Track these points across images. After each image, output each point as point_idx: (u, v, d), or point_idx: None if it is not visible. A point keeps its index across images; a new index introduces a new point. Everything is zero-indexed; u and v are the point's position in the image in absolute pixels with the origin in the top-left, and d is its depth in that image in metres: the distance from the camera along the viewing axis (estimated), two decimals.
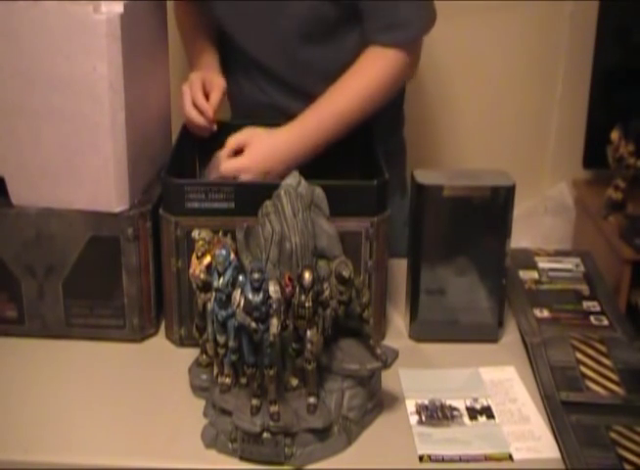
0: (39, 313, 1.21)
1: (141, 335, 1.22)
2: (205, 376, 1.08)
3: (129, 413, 1.07)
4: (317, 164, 1.28)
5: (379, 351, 1.01)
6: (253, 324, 0.92)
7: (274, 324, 0.92)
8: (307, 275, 0.93)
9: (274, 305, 0.92)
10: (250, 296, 0.92)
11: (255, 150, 1.28)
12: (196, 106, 1.35)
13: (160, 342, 1.23)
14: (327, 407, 1.00)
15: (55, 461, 0.98)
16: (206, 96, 1.37)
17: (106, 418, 1.06)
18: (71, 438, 1.02)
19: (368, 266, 1.16)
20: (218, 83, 1.39)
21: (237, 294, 0.93)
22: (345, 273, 0.97)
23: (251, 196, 1.08)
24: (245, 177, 1.25)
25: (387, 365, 1.02)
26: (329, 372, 1.01)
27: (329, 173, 1.17)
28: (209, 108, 1.35)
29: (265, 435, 0.96)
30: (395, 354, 1.04)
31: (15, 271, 1.19)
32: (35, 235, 1.17)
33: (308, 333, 0.95)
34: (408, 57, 1.35)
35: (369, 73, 1.34)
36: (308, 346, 0.95)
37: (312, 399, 0.99)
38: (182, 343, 1.20)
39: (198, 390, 1.09)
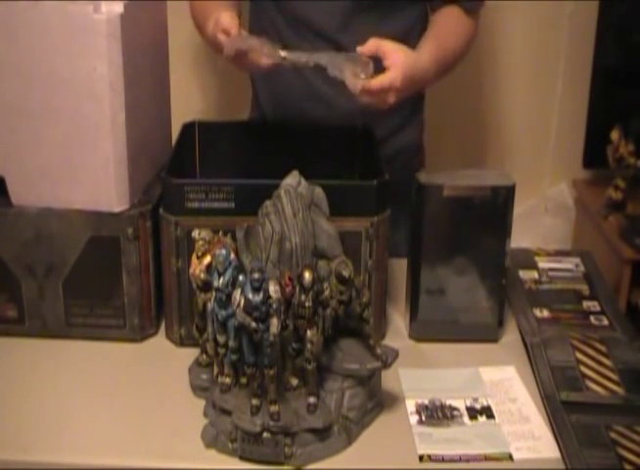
0: (39, 313, 1.21)
1: (141, 335, 1.22)
2: (205, 376, 1.08)
3: (129, 413, 1.07)
4: (317, 164, 1.28)
5: (379, 350, 1.01)
6: (253, 324, 0.92)
7: (274, 324, 0.92)
8: (307, 275, 0.93)
9: (274, 305, 0.92)
10: (250, 296, 0.92)
11: (401, 64, 1.20)
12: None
13: (160, 342, 1.23)
14: (327, 407, 1.00)
15: (54, 461, 0.98)
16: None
17: (106, 418, 1.06)
18: (71, 438, 1.02)
19: (368, 266, 1.16)
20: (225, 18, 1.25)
21: (237, 294, 0.93)
22: (345, 273, 0.97)
23: (251, 196, 1.08)
24: (388, 96, 1.19)
25: (387, 365, 1.02)
26: (329, 372, 1.01)
27: (329, 174, 1.17)
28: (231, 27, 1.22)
29: (265, 435, 0.96)
30: (395, 354, 1.04)
31: (15, 271, 1.19)
32: (35, 235, 1.17)
33: (308, 333, 0.95)
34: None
35: (464, 32, 1.47)
36: (308, 345, 0.95)
37: (312, 399, 0.99)
38: (182, 343, 1.20)
39: (198, 390, 1.09)
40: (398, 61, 1.19)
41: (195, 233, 1.04)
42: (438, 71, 1.36)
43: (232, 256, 0.98)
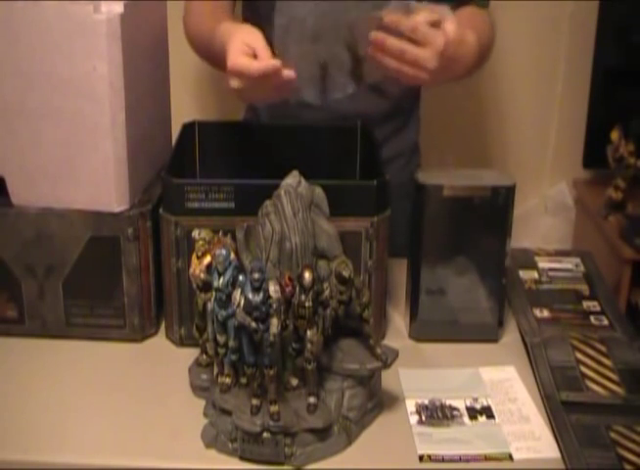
0: (39, 313, 1.21)
1: (141, 335, 1.22)
2: (205, 376, 1.08)
3: (129, 413, 1.07)
4: (317, 164, 1.28)
5: (379, 350, 1.01)
6: (253, 324, 0.92)
7: (274, 324, 0.92)
8: (307, 275, 0.93)
9: (274, 305, 0.92)
10: (250, 296, 0.92)
11: (449, 32, 1.09)
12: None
13: (160, 342, 1.23)
14: (327, 407, 1.00)
15: (54, 461, 0.98)
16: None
17: (106, 418, 1.06)
18: (71, 438, 1.02)
19: (368, 266, 1.16)
20: (255, 34, 1.15)
21: (237, 294, 0.93)
22: (345, 273, 0.97)
23: (251, 196, 1.08)
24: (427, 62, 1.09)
25: (387, 365, 1.02)
26: (329, 372, 1.01)
27: (329, 174, 1.17)
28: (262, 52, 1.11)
29: (265, 435, 0.96)
30: (395, 354, 1.04)
31: (15, 271, 1.19)
32: (35, 235, 1.17)
33: (308, 333, 0.95)
34: None
35: (487, 24, 1.43)
36: (308, 345, 0.95)
37: (312, 399, 0.99)
38: (182, 343, 1.20)
39: (198, 390, 1.09)
40: (448, 28, 1.09)
41: (195, 233, 1.04)
42: (480, 56, 1.27)
43: (232, 256, 0.98)
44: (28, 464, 0.99)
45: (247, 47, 1.12)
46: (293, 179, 1.06)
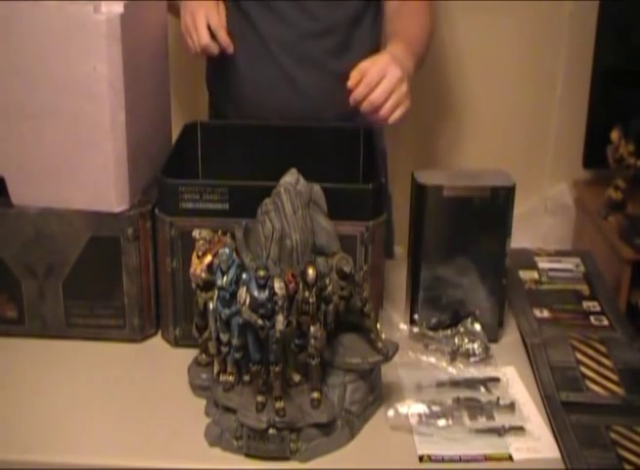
0: (39, 313, 1.21)
1: (141, 335, 1.22)
2: (204, 375, 1.08)
3: (129, 413, 1.07)
4: (319, 164, 1.28)
5: (380, 344, 1.02)
6: (260, 321, 0.92)
7: (280, 320, 0.92)
8: (311, 271, 0.93)
9: (280, 302, 0.92)
10: (255, 293, 0.92)
11: (382, 54, 1.31)
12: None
13: (160, 342, 1.23)
14: (330, 402, 1.00)
15: (55, 461, 0.98)
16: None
17: (106, 418, 1.06)
18: (71, 438, 1.02)
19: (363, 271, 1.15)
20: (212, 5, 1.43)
21: (242, 292, 0.93)
22: (347, 268, 0.97)
23: (246, 197, 1.08)
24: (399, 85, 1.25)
25: (388, 358, 1.02)
26: (331, 367, 1.01)
27: (331, 174, 1.17)
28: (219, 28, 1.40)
29: (271, 431, 0.96)
30: (396, 347, 1.04)
31: (15, 271, 1.19)
32: (35, 235, 1.17)
33: (312, 329, 0.95)
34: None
35: (426, 19, 1.57)
36: (312, 341, 0.95)
37: (316, 394, 0.99)
38: (177, 343, 1.20)
39: (198, 389, 1.09)
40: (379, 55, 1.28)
41: (195, 233, 1.04)
42: (416, 65, 1.41)
43: (234, 254, 0.98)
44: (28, 464, 0.99)
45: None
46: (291, 177, 1.06)
